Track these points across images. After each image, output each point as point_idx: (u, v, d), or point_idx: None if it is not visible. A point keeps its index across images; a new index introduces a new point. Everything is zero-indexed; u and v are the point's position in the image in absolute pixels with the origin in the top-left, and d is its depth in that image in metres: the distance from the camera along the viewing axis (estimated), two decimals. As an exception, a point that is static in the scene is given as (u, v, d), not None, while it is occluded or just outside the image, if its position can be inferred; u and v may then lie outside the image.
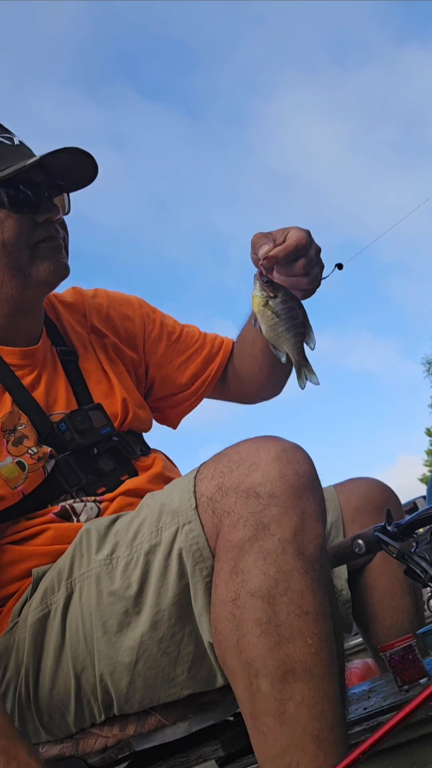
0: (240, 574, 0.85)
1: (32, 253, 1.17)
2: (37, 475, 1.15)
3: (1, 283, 1.18)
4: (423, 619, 1.45)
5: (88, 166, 1.23)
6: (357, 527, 1.40)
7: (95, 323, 1.40)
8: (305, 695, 0.81)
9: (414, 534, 1.00)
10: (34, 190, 1.17)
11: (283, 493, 0.86)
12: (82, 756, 1.06)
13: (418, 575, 0.96)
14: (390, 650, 1.12)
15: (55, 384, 1.25)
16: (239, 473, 0.89)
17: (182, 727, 1.04)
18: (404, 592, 1.39)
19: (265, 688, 0.82)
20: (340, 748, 0.81)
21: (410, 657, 1.10)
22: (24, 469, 1.13)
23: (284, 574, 0.83)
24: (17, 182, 1.15)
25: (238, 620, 0.84)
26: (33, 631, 1.04)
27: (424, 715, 0.96)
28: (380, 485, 1.47)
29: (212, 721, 1.06)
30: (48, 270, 1.18)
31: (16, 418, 1.16)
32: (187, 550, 0.93)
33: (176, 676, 0.98)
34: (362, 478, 1.49)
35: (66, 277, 1.22)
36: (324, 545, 0.88)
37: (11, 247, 1.15)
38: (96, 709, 1.02)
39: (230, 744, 1.06)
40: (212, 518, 0.90)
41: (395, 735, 0.74)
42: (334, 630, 0.87)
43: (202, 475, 0.94)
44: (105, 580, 0.98)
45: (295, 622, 0.82)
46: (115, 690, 0.99)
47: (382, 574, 1.39)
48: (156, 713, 1.03)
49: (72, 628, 1.01)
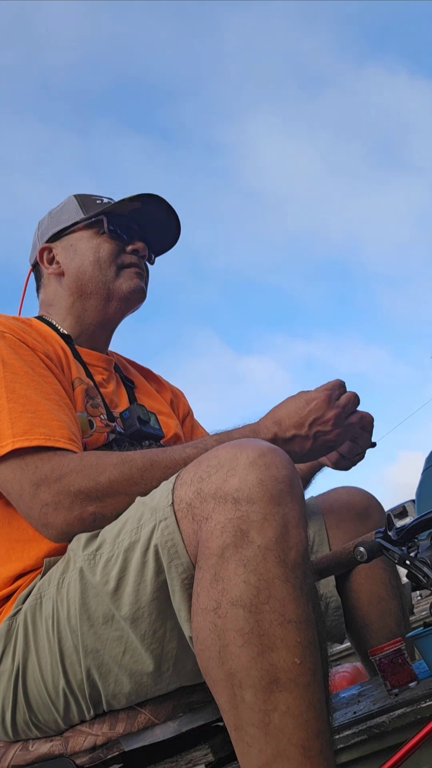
0: (221, 582, 0.84)
1: (118, 272, 1.42)
2: (101, 437, 1.27)
3: (91, 294, 1.42)
4: (409, 623, 1.46)
5: (172, 235, 1.52)
6: (341, 533, 1.42)
7: (151, 381, 1.62)
8: (290, 705, 0.79)
9: (415, 539, 1.01)
10: (129, 228, 1.47)
11: (262, 499, 0.85)
12: (71, 755, 1.05)
13: (421, 580, 0.96)
14: (379, 654, 1.12)
15: (118, 392, 1.43)
16: (217, 479, 0.88)
17: (172, 727, 1.03)
18: (391, 596, 1.40)
19: (249, 698, 0.80)
20: (326, 756, 0.80)
21: (399, 661, 1.11)
22: (92, 427, 1.27)
23: (266, 582, 0.82)
24: (118, 219, 1.45)
25: (220, 630, 0.83)
26: (25, 620, 1.05)
27: (429, 713, 0.96)
28: (362, 492, 1.49)
29: (202, 721, 1.06)
30: (128, 288, 1.42)
31: (95, 393, 1.33)
32: (162, 546, 0.92)
33: (162, 672, 0.98)
34: (344, 486, 1.51)
35: (142, 299, 1.47)
36: (306, 551, 0.87)
37: (103, 263, 1.41)
38: (84, 705, 1.02)
39: (220, 749, 1.06)
40: (192, 524, 0.90)
41: (398, 734, 0.74)
42: (318, 637, 0.86)
43: (182, 480, 0.94)
44: (88, 575, 0.99)
45: (278, 631, 0.81)
46: (103, 684, 1.00)
47: (368, 578, 1.40)
48: (145, 711, 1.03)
49: (60, 622, 1.01)
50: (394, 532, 1.02)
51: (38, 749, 1.07)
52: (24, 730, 1.08)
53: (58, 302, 1.44)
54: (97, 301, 1.41)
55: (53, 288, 1.45)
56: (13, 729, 1.08)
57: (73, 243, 1.44)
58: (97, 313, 1.42)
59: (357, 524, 1.42)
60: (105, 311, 1.43)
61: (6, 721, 1.07)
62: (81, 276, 1.41)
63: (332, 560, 1.15)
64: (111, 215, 1.44)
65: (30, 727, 1.07)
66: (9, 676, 1.06)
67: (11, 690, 1.05)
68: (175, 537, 0.91)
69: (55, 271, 1.45)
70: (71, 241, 1.44)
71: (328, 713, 0.86)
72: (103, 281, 1.41)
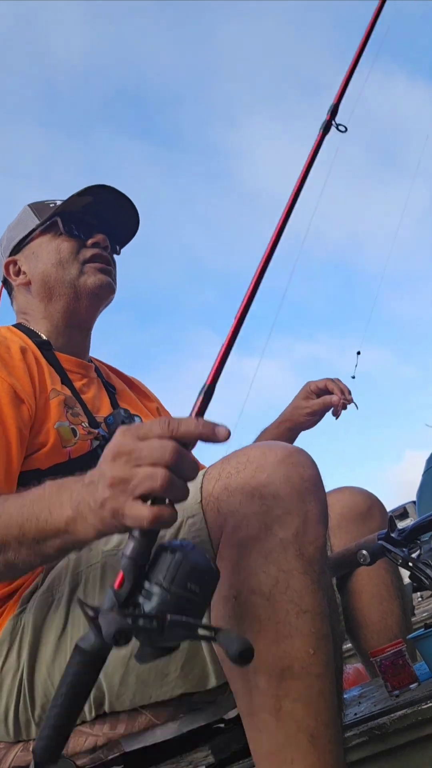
0: (242, 571, 0.86)
1: (81, 269, 1.41)
2: (85, 445, 1.26)
3: (60, 295, 1.41)
4: (411, 624, 1.46)
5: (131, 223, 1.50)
6: (343, 533, 1.42)
7: (135, 391, 1.61)
8: (301, 692, 0.81)
9: (417, 540, 1.01)
10: (85, 223, 1.45)
11: (287, 495, 0.87)
12: (72, 756, 1.05)
13: (424, 581, 0.96)
14: (380, 655, 1.12)
15: (99, 396, 1.42)
16: (246, 474, 0.90)
17: (173, 728, 1.04)
18: (392, 597, 1.40)
19: (262, 684, 0.82)
20: (335, 746, 0.81)
21: (400, 662, 1.11)
22: (76, 435, 1.26)
23: (284, 573, 0.84)
24: (73, 216, 1.44)
25: (239, 617, 0.85)
26: (35, 618, 1.05)
27: (429, 715, 0.97)
28: (364, 493, 1.50)
29: (203, 722, 1.06)
30: (93, 283, 1.40)
31: (74, 403, 1.31)
32: None
33: (169, 674, 0.99)
34: (347, 487, 1.52)
35: (111, 293, 1.45)
36: (324, 548, 0.89)
37: (65, 263, 1.40)
38: (87, 705, 1.02)
39: (221, 750, 1.06)
40: (217, 517, 0.92)
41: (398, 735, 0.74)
42: (332, 632, 0.87)
43: (210, 476, 0.96)
44: (110, 571, 1.00)
45: (294, 621, 0.83)
46: (108, 686, 1.00)
47: (370, 579, 1.40)
48: (146, 712, 1.03)
49: (74, 619, 1.02)
50: (397, 533, 1.02)
51: (39, 749, 1.07)
52: (26, 730, 1.08)
53: (32, 310, 1.43)
54: (67, 302, 1.40)
55: (24, 297, 1.45)
56: (15, 728, 1.08)
57: (35, 250, 1.44)
58: (69, 314, 1.41)
59: (359, 525, 1.42)
60: (76, 311, 1.42)
61: (9, 720, 1.07)
62: (47, 280, 1.40)
63: (334, 562, 1.15)
64: (65, 214, 1.43)
65: (32, 725, 1.07)
66: (14, 674, 1.06)
67: (16, 688, 1.05)
68: (203, 534, 0.93)
69: (22, 281, 1.44)
70: (32, 249, 1.45)
71: (340, 706, 0.88)
72: (69, 280, 1.40)
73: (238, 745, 1.06)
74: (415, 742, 0.99)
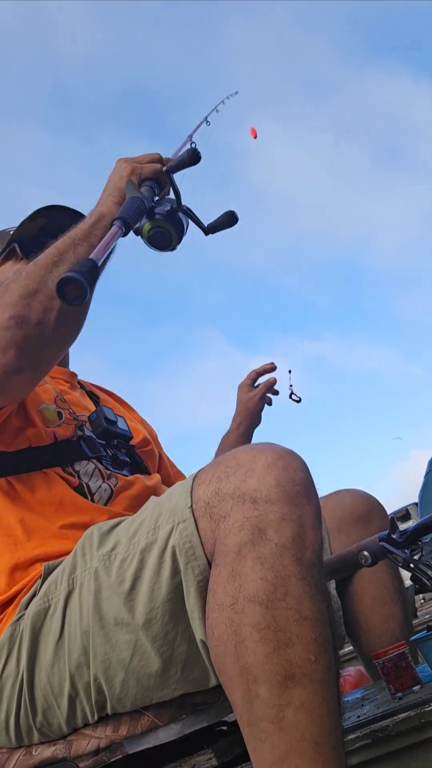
0: (238, 578, 0.85)
1: None
2: (69, 428, 1.31)
3: None
4: (413, 626, 1.46)
5: None
6: (343, 536, 1.42)
7: (114, 397, 1.65)
8: (304, 700, 0.80)
9: (419, 542, 1.01)
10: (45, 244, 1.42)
11: (280, 500, 0.86)
12: (74, 759, 1.05)
13: (425, 583, 0.96)
14: (383, 658, 1.12)
15: (83, 399, 1.45)
16: (236, 479, 0.90)
17: (175, 729, 1.03)
18: (393, 599, 1.40)
19: (264, 693, 0.81)
20: (338, 753, 0.81)
21: (403, 664, 1.11)
22: (61, 417, 1.31)
23: (282, 579, 0.83)
24: (31, 240, 1.44)
25: (237, 625, 0.84)
26: (33, 624, 1.05)
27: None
28: (364, 495, 1.49)
29: (205, 723, 1.06)
30: None
31: (61, 400, 1.36)
32: (180, 547, 0.93)
33: (170, 676, 0.98)
34: (346, 489, 1.52)
35: None
36: (320, 552, 0.88)
37: None
38: (89, 708, 1.02)
39: (223, 753, 1.06)
40: (209, 522, 0.91)
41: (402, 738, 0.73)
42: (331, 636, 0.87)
43: (200, 480, 0.95)
44: (103, 575, 0.99)
45: (294, 628, 0.82)
46: (109, 689, 1.00)
47: (371, 581, 1.40)
48: (149, 713, 1.03)
49: (71, 624, 1.02)
50: (398, 535, 1.02)
51: (42, 754, 1.07)
52: (27, 736, 1.08)
53: None
54: None
55: None
56: (16, 734, 1.08)
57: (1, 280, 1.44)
58: None
59: (359, 528, 1.42)
60: None
61: (10, 727, 1.07)
62: None
63: (335, 563, 1.15)
64: (22, 239, 1.47)
65: (33, 731, 1.07)
66: (14, 681, 1.05)
67: (15, 695, 1.05)
68: (194, 539, 0.93)
69: None
70: None
71: (340, 712, 0.87)
72: None
73: (240, 749, 1.06)
74: (419, 745, 0.99)
